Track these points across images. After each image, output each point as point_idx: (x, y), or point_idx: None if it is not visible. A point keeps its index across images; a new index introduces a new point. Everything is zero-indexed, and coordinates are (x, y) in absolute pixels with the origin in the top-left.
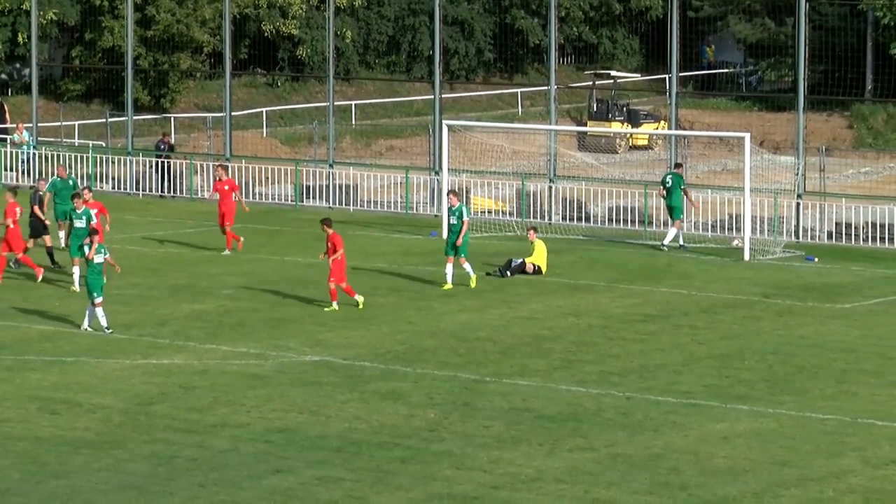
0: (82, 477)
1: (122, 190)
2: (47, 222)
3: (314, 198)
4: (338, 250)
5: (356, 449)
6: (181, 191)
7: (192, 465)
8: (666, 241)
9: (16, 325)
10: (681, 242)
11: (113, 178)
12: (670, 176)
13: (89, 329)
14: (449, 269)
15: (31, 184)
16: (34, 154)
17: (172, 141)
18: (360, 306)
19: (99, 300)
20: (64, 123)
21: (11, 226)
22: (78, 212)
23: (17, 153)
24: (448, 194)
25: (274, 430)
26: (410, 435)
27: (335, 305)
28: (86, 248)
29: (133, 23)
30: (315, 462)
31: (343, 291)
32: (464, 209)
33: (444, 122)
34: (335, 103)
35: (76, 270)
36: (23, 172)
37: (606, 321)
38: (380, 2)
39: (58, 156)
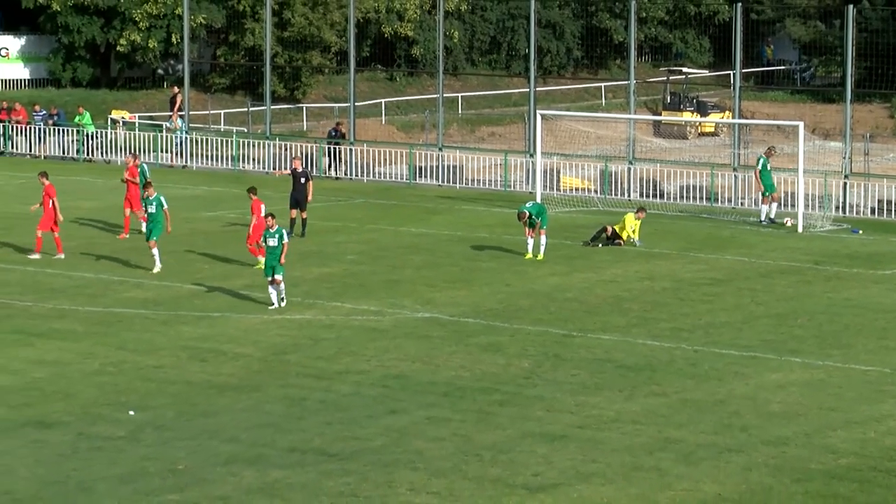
0: (227, 416)
1: (261, 169)
2: (310, 198)
3: (425, 177)
4: (253, 214)
5: (461, 393)
6: (311, 169)
7: (321, 406)
8: (773, 215)
9: (170, 285)
10: (771, 217)
11: (253, 160)
12: (761, 159)
13: (277, 306)
14: (530, 241)
15: (184, 164)
16: (186, 138)
17: (345, 129)
18: (260, 266)
19: (274, 278)
20: (211, 112)
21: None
22: (150, 198)
23: (171, 137)
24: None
25: (390, 376)
26: (508, 381)
27: (262, 261)
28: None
29: (271, 25)
30: (426, 404)
31: (249, 251)
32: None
33: (538, 111)
34: (444, 95)
35: (155, 252)
36: (176, 154)
37: (678, 284)
38: (483, 7)
39: (206, 140)
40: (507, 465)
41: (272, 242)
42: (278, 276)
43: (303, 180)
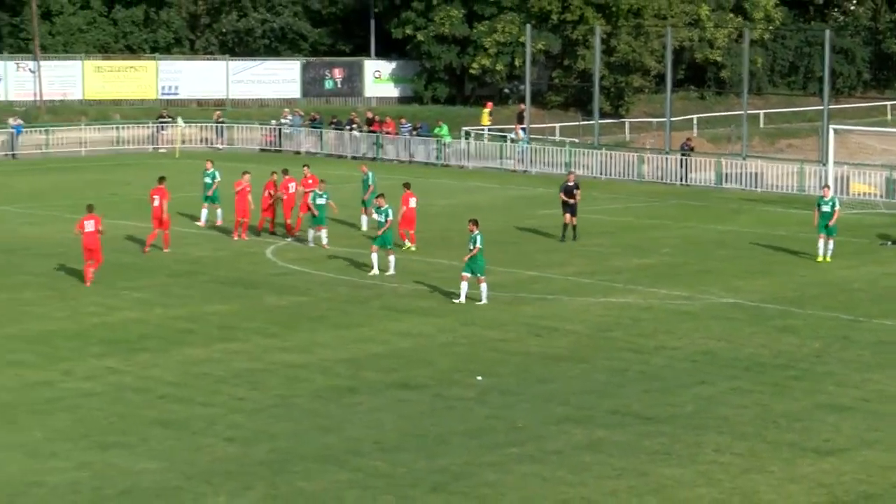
0: (559, 383)
1: (590, 175)
2: (571, 201)
3: (730, 182)
4: (403, 205)
5: (760, 368)
6: (630, 174)
7: (639, 376)
8: None
9: (513, 271)
10: None
11: (584, 166)
12: None
13: (463, 301)
14: (821, 244)
15: (525, 169)
16: (527, 148)
17: (693, 144)
18: (410, 248)
19: (480, 277)
20: (548, 125)
21: (284, 197)
22: (381, 209)
23: (514, 147)
24: (823, 188)
25: (699, 352)
26: (801, 359)
27: (408, 245)
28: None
29: (600, 52)
30: (729, 377)
31: (400, 236)
32: (836, 200)
33: (830, 126)
34: (748, 112)
35: (374, 257)
36: (519, 161)
37: None
38: (783, 35)
39: (544, 149)
40: (801, 431)
41: (470, 246)
42: (481, 276)
43: (574, 191)
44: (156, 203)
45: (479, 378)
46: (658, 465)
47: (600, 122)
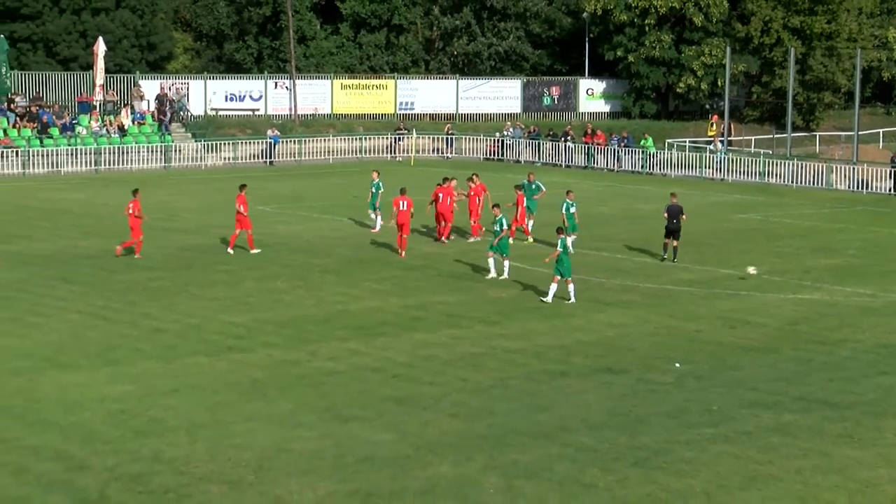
0: (749, 370)
1: (782, 183)
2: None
3: None
4: (518, 206)
5: None
6: (819, 183)
7: (823, 366)
8: None
9: (709, 269)
10: None
11: (777, 175)
12: None
13: (550, 301)
14: None
15: (722, 177)
16: (724, 158)
17: None
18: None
19: (567, 279)
20: (744, 137)
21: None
22: (497, 218)
23: (712, 157)
24: None
25: (881, 345)
26: None
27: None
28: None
29: (794, 71)
30: None
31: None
32: None
33: None
34: None
35: (490, 262)
36: (717, 170)
37: None
38: None
39: (740, 159)
40: None
41: (559, 249)
42: (568, 278)
43: (680, 214)
44: (439, 198)
45: (678, 365)
46: (841, 447)
47: (792, 135)
